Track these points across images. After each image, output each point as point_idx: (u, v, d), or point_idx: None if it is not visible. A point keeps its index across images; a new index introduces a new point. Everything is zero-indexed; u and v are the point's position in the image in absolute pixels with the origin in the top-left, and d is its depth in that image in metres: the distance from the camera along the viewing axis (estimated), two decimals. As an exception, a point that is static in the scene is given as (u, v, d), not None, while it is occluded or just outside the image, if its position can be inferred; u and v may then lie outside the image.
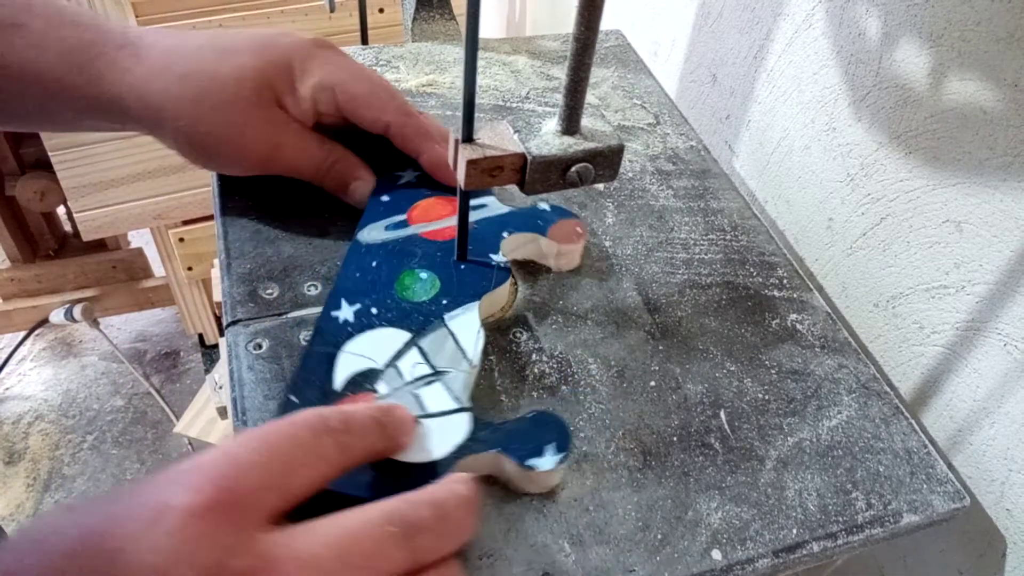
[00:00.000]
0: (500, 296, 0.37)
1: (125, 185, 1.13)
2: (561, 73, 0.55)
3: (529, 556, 0.29)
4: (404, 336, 0.33)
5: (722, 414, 0.34)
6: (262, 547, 0.20)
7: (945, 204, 0.39)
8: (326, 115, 0.38)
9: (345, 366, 0.32)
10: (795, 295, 0.41)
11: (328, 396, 0.30)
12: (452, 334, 0.33)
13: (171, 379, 1.47)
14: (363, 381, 0.31)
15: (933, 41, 0.38)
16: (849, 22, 0.44)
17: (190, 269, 1.27)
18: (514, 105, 0.51)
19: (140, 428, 1.37)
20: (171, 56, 0.35)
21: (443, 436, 0.29)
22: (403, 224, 0.38)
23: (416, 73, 0.53)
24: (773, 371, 0.37)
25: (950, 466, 0.41)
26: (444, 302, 0.35)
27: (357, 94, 0.37)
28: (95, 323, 1.43)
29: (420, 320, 0.34)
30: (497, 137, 0.31)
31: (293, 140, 0.37)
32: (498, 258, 0.37)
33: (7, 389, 1.43)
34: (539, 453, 0.29)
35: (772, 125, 0.53)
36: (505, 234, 0.38)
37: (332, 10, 0.85)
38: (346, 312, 0.34)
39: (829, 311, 0.40)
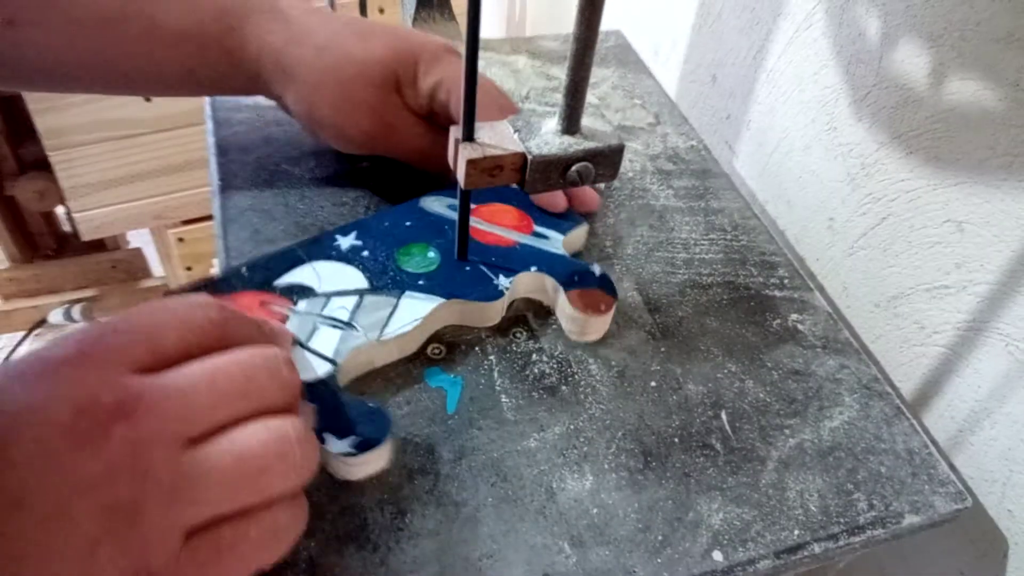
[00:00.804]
0: (485, 311, 0.36)
1: (124, 185, 1.13)
2: (561, 73, 0.54)
3: (529, 557, 0.28)
4: (361, 285, 0.35)
5: (723, 415, 0.34)
6: (132, 383, 0.21)
7: (946, 204, 0.39)
8: (438, 114, 0.40)
9: (298, 274, 0.35)
10: (796, 295, 0.41)
11: (265, 284, 0.34)
12: (394, 307, 0.34)
13: (170, 380, 1.46)
14: (295, 292, 0.34)
15: (933, 41, 0.38)
16: (849, 22, 0.44)
17: (189, 269, 1.27)
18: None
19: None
20: (312, 28, 0.38)
21: (304, 369, 0.31)
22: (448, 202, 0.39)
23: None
24: (774, 371, 0.37)
25: (952, 467, 0.41)
26: (421, 282, 0.35)
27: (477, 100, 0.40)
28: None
29: (388, 282, 0.35)
30: (497, 137, 0.31)
31: (404, 125, 0.40)
32: (504, 282, 0.36)
33: (6, 390, 1.43)
34: (342, 435, 0.29)
35: (772, 125, 0.53)
36: (533, 269, 0.37)
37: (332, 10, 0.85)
38: (346, 241, 0.36)
39: (830, 311, 0.40)
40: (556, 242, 0.38)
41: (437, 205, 0.40)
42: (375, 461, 0.30)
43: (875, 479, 0.33)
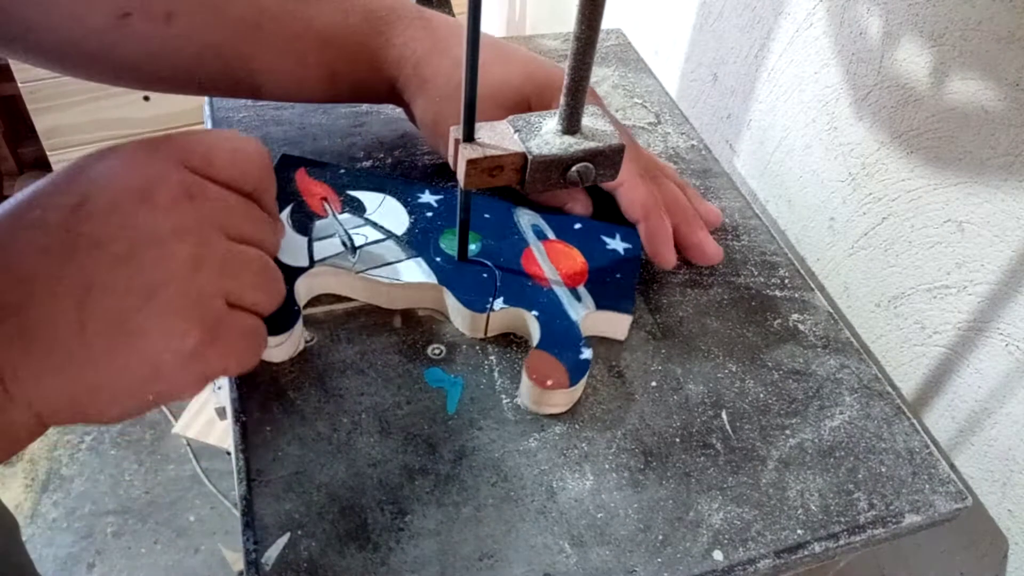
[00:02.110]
0: (465, 316, 0.35)
1: (124, 185, 1.13)
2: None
3: (529, 557, 0.28)
4: (398, 231, 0.37)
5: (724, 414, 0.34)
6: (195, 178, 0.26)
7: (947, 204, 0.39)
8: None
9: (369, 195, 0.39)
10: (797, 295, 0.41)
11: (339, 188, 0.39)
12: (397, 259, 0.36)
13: (170, 379, 1.46)
14: (350, 205, 0.38)
15: (934, 41, 0.38)
16: (850, 21, 0.44)
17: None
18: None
19: (138, 429, 1.37)
20: (456, 40, 0.38)
21: (292, 256, 0.35)
22: (542, 236, 0.39)
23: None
24: (775, 371, 0.36)
25: (952, 466, 0.41)
26: (438, 259, 0.36)
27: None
28: (94, 323, 1.42)
29: (416, 242, 0.37)
30: (497, 137, 0.31)
31: None
32: (497, 303, 0.35)
33: (5, 389, 1.43)
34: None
35: (773, 124, 0.53)
36: (533, 312, 0.35)
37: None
38: (427, 198, 0.39)
39: (831, 311, 0.40)
40: (579, 310, 0.35)
41: (524, 219, 0.39)
42: (283, 346, 0.33)
43: (875, 478, 0.33)
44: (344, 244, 0.36)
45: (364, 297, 0.36)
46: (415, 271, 0.36)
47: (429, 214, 0.38)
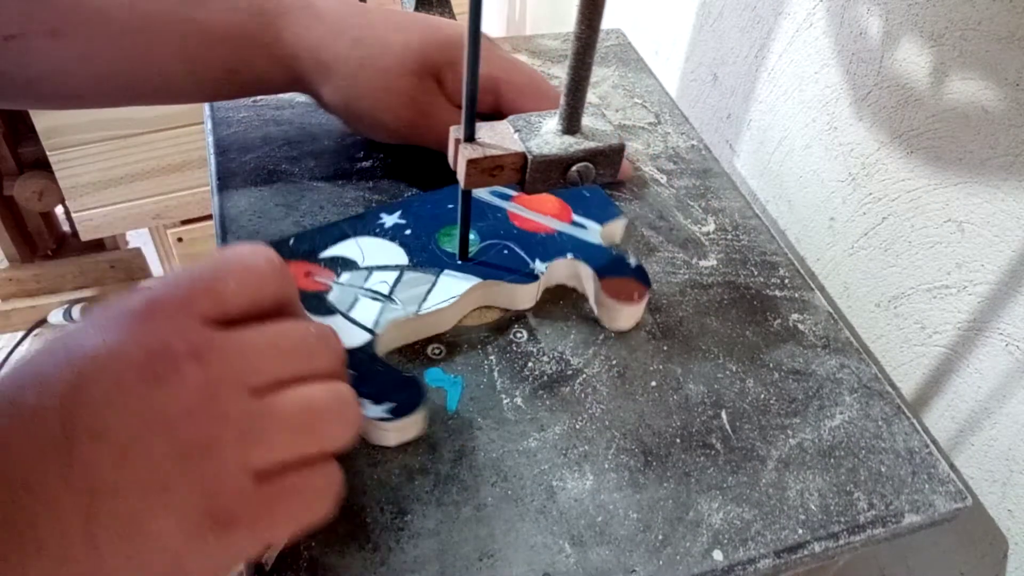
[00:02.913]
0: (518, 293, 0.37)
1: (123, 185, 1.13)
2: (562, 72, 0.54)
3: (529, 557, 0.28)
4: (402, 261, 0.36)
5: (723, 414, 0.34)
6: (203, 332, 0.22)
7: (947, 204, 0.39)
8: (482, 102, 0.40)
9: (343, 248, 0.36)
10: (796, 295, 0.41)
11: (310, 255, 0.36)
12: (432, 284, 0.35)
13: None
14: (338, 265, 0.36)
15: (934, 40, 0.38)
16: (850, 21, 0.44)
17: (189, 269, 1.27)
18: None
19: (139, 428, 1.37)
20: (347, 21, 0.38)
21: (344, 336, 0.31)
22: (507, 197, 0.40)
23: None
24: (775, 371, 0.36)
25: (952, 466, 0.41)
26: (460, 262, 0.36)
27: (520, 85, 0.40)
28: (94, 323, 1.42)
29: (427, 259, 0.36)
30: (497, 136, 0.31)
31: (443, 114, 0.40)
32: (539, 266, 0.37)
33: (5, 389, 1.43)
34: (378, 401, 0.30)
35: (773, 124, 0.53)
36: (568, 256, 0.37)
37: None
38: (390, 219, 0.38)
39: (831, 311, 0.40)
40: (594, 232, 0.39)
41: (482, 192, 0.40)
42: (409, 428, 0.31)
43: (875, 478, 0.33)
44: (376, 298, 0.34)
45: (432, 331, 0.35)
46: (457, 282, 0.35)
47: (407, 232, 0.38)
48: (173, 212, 1.18)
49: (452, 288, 0.35)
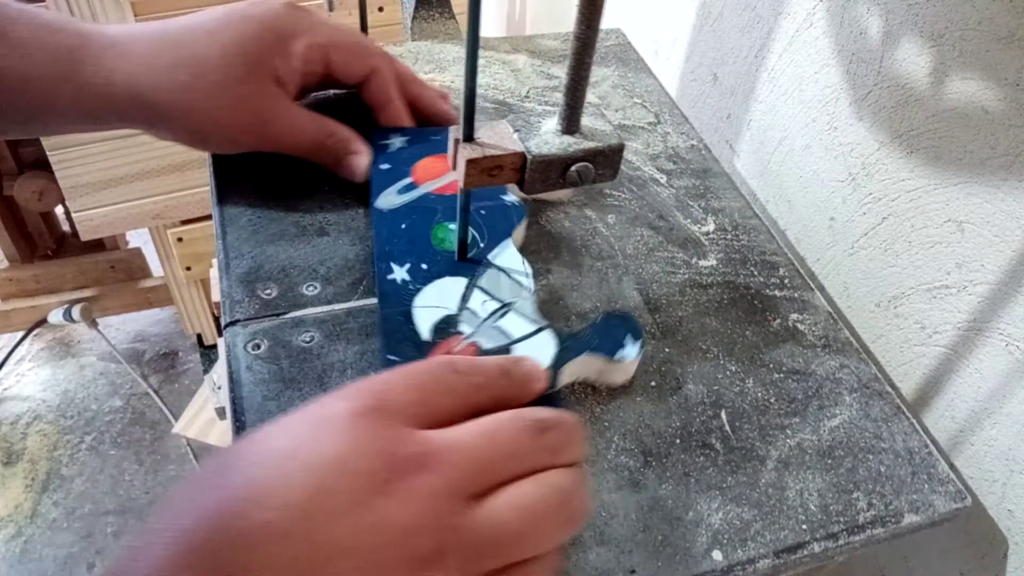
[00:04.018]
0: (522, 232, 0.39)
1: (123, 185, 1.13)
2: (561, 72, 0.54)
3: (529, 557, 0.28)
4: (462, 282, 0.35)
5: (723, 414, 0.34)
6: (422, 438, 0.22)
7: (947, 204, 0.39)
8: (312, 75, 0.39)
9: (423, 319, 0.34)
10: (796, 295, 0.41)
11: (421, 347, 0.33)
12: (502, 270, 0.36)
13: (169, 379, 1.46)
14: (446, 327, 0.33)
15: (934, 40, 0.38)
16: (850, 21, 0.44)
17: (188, 269, 1.27)
18: (514, 104, 0.51)
19: (138, 429, 1.37)
20: (156, 47, 0.36)
21: (539, 353, 0.32)
22: (412, 186, 0.40)
23: (416, 72, 0.52)
24: (774, 371, 0.36)
25: (952, 466, 0.41)
26: (482, 245, 0.37)
27: (346, 46, 0.39)
28: (94, 323, 1.42)
29: (467, 265, 0.36)
30: (497, 136, 0.31)
31: (285, 115, 0.38)
32: (510, 198, 0.39)
33: (5, 389, 1.43)
34: (622, 345, 0.33)
35: (773, 124, 0.53)
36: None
37: (331, 9, 0.85)
38: (400, 273, 0.36)
39: (830, 311, 0.40)
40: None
41: (390, 199, 0.39)
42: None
43: (875, 478, 0.33)
44: (503, 310, 0.34)
45: (532, 287, 0.36)
46: (508, 255, 0.37)
47: (424, 266, 0.36)
48: (173, 212, 1.18)
49: (511, 256, 0.37)
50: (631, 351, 0.33)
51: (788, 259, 0.43)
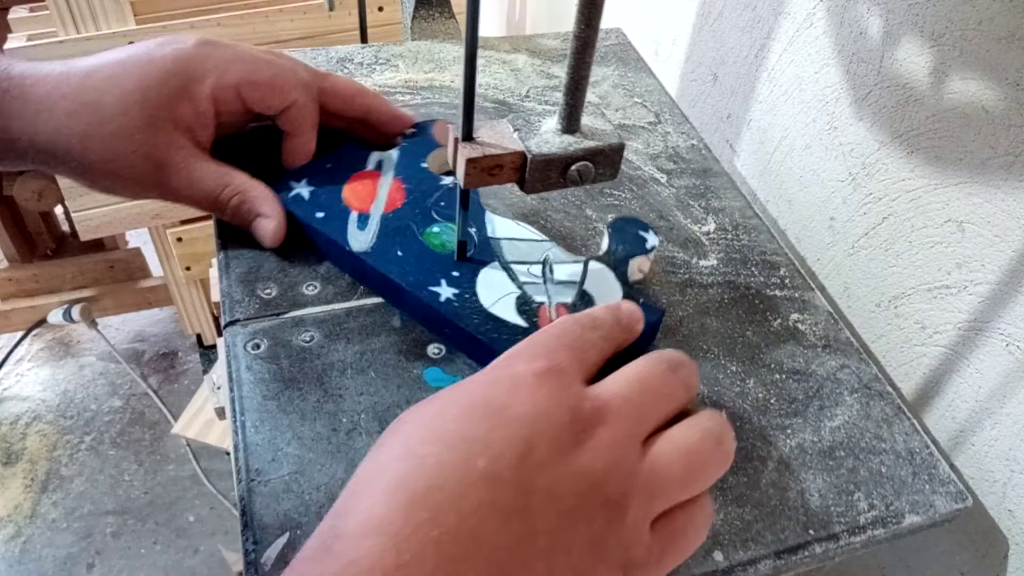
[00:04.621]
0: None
1: (123, 185, 1.13)
2: (561, 71, 0.54)
3: (529, 558, 0.28)
4: (495, 266, 0.36)
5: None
6: (593, 393, 0.24)
7: (947, 204, 0.39)
8: (230, 114, 0.37)
9: (505, 312, 0.34)
10: (797, 295, 0.41)
11: (528, 332, 0.33)
12: (513, 239, 0.37)
13: (169, 379, 1.46)
14: (527, 307, 0.35)
15: (935, 40, 0.38)
16: (850, 21, 0.44)
17: (188, 269, 1.27)
18: (514, 103, 0.51)
19: (138, 429, 1.37)
20: (56, 93, 0.34)
21: (607, 287, 0.35)
22: (364, 219, 0.37)
23: (415, 71, 0.52)
24: (775, 371, 0.36)
25: (952, 467, 0.41)
26: (476, 241, 0.37)
27: (261, 82, 0.37)
28: (93, 323, 1.42)
29: (479, 248, 0.37)
30: (497, 136, 0.31)
31: (183, 167, 0.36)
32: (425, 164, 0.40)
33: (5, 390, 1.43)
34: (645, 239, 0.37)
35: (773, 124, 0.53)
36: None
37: (331, 8, 0.85)
38: (445, 291, 0.35)
39: (831, 311, 0.40)
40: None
41: (360, 239, 0.37)
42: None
43: (876, 479, 0.33)
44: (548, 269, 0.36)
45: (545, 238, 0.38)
46: (503, 224, 0.38)
47: (455, 273, 0.36)
48: (173, 212, 1.18)
49: (505, 225, 0.38)
50: (653, 238, 0.37)
51: (788, 259, 0.43)
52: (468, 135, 0.31)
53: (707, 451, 0.25)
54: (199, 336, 1.49)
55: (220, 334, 0.38)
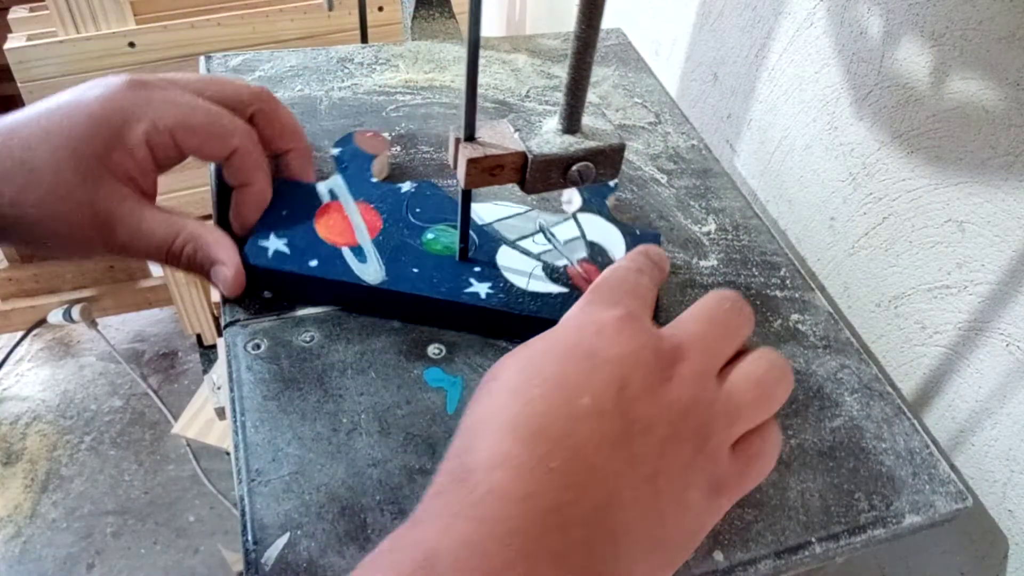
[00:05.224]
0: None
1: (123, 185, 1.13)
2: (562, 72, 0.54)
3: (530, 558, 0.28)
4: (505, 250, 0.37)
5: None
6: (668, 333, 0.26)
7: (947, 204, 0.39)
8: (168, 158, 0.34)
9: (540, 285, 0.36)
10: (797, 295, 0.41)
11: (570, 294, 0.36)
12: (502, 219, 0.39)
13: (169, 379, 1.46)
14: (557, 274, 0.36)
15: (935, 40, 0.38)
16: (851, 21, 0.44)
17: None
18: (514, 104, 0.51)
19: (138, 429, 1.37)
20: (36, 155, 0.31)
21: (611, 235, 0.38)
22: (358, 251, 0.36)
23: (415, 71, 0.53)
24: (775, 371, 0.36)
25: (952, 467, 0.41)
26: (478, 242, 0.37)
27: (198, 126, 0.34)
28: (93, 323, 1.42)
29: (479, 238, 0.38)
30: (498, 136, 0.31)
31: (129, 219, 0.33)
32: (375, 178, 0.40)
33: (5, 389, 1.43)
34: (609, 185, 0.42)
35: (773, 124, 0.53)
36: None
37: (331, 8, 0.85)
38: (482, 288, 0.35)
39: (831, 311, 0.40)
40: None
41: (370, 273, 0.35)
42: None
43: (876, 479, 0.33)
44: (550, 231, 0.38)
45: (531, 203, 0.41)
46: (488, 208, 0.40)
47: (477, 269, 0.36)
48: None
49: (490, 209, 0.39)
50: (614, 183, 0.42)
51: (789, 259, 0.43)
52: (471, 135, 0.31)
53: (775, 379, 0.27)
54: (199, 336, 1.49)
55: (220, 334, 0.38)
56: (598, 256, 0.38)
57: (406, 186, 0.40)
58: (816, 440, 0.34)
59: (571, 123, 0.31)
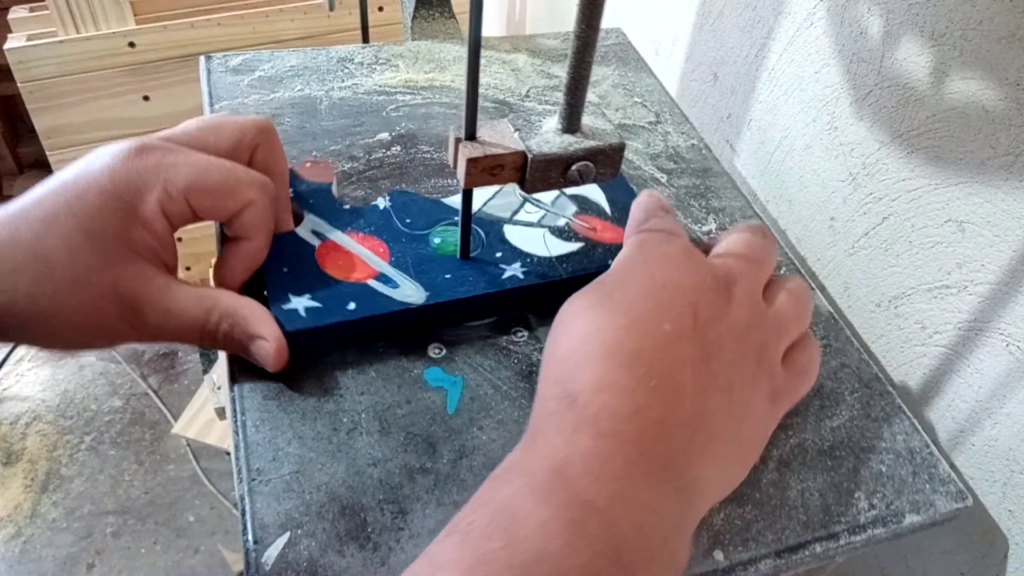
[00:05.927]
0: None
1: (123, 185, 1.13)
2: (561, 71, 0.54)
3: (530, 557, 0.28)
4: (509, 230, 0.39)
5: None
6: (718, 263, 0.30)
7: (947, 204, 0.39)
8: (184, 220, 0.32)
9: (561, 248, 0.38)
10: (797, 295, 0.41)
11: (589, 246, 0.38)
12: (488, 202, 0.40)
13: (169, 379, 1.46)
14: (568, 232, 0.38)
15: (935, 40, 0.38)
16: (851, 21, 0.44)
17: (188, 269, 1.27)
18: (514, 103, 0.51)
19: (138, 429, 1.37)
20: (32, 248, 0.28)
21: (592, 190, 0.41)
22: (384, 279, 0.35)
23: (416, 71, 0.53)
24: (775, 371, 0.36)
25: (952, 466, 0.41)
26: (484, 238, 0.38)
27: (211, 187, 0.31)
28: (93, 323, 1.42)
29: (477, 227, 0.38)
30: (498, 135, 0.31)
31: (158, 299, 0.30)
32: (347, 205, 0.39)
33: (5, 389, 1.43)
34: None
35: (773, 124, 0.53)
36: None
37: (331, 8, 0.85)
38: (516, 270, 0.36)
39: (831, 311, 0.40)
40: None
41: (412, 293, 0.35)
42: None
43: (876, 478, 0.33)
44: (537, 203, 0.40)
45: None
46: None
47: (499, 257, 0.37)
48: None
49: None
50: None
51: (788, 259, 0.43)
52: (472, 134, 0.31)
53: (807, 295, 0.31)
54: (199, 336, 1.49)
55: (221, 334, 0.38)
56: (586, 206, 0.40)
57: (381, 201, 0.39)
58: (816, 439, 0.34)
59: (571, 123, 0.31)
